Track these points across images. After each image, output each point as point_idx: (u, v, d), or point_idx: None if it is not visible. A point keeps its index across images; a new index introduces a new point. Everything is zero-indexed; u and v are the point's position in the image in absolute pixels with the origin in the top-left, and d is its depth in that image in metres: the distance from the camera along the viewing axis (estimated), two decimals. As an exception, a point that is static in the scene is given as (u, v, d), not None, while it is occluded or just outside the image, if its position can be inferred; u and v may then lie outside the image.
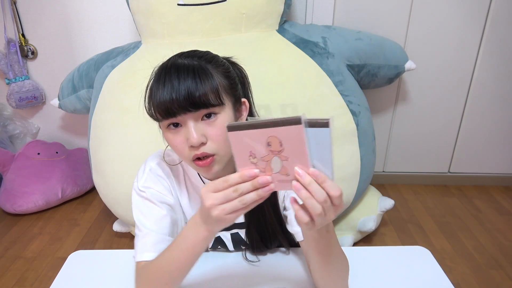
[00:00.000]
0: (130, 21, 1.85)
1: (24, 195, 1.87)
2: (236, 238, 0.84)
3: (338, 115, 1.42)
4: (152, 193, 0.75)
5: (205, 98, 0.62)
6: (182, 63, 0.65)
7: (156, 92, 0.64)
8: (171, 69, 0.64)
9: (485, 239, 1.70)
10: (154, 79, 0.66)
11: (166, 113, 0.63)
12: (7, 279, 1.49)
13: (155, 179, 0.77)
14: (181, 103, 0.62)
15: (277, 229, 0.80)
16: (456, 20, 1.78)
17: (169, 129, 0.66)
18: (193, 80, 0.62)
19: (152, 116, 0.67)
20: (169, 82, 0.63)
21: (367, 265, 0.81)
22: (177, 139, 0.66)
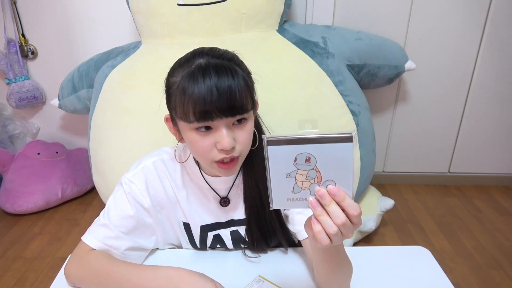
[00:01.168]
0: (130, 21, 1.84)
1: (24, 195, 1.87)
2: (236, 236, 0.84)
3: (338, 115, 1.42)
4: (133, 189, 0.76)
5: (244, 104, 0.63)
6: (217, 63, 0.63)
7: (192, 93, 0.61)
8: (209, 69, 0.62)
9: (485, 239, 1.70)
10: (188, 79, 0.62)
11: (204, 117, 0.62)
12: (7, 279, 1.49)
13: (142, 178, 0.77)
14: (221, 108, 0.61)
15: (277, 226, 0.79)
16: (456, 20, 1.78)
17: (197, 131, 0.65)
18: (233, 85, 0.62)
19: (182, 117, 0.64)
20: (209, 82, 0.61)
21: (367, 265, 0.81)
22: (205, 142, 0.65)
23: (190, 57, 0.67)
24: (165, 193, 0.79)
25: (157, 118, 1.38)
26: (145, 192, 0.77)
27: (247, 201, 0.79)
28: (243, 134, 0.66)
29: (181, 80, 0.63)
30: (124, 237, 0.75)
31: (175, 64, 0.69)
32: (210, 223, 0.82)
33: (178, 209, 0.81)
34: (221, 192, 0.80)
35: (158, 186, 0.79)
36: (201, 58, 0.64)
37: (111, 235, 0.75)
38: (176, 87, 0.65)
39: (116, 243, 0.75)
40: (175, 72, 0.67)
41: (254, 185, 0.77)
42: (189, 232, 0.83)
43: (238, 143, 0.65)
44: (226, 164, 0.66)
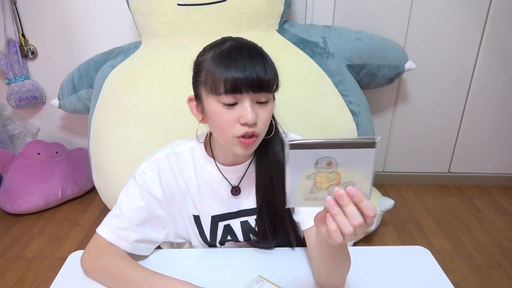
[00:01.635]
0: (130, 21, 1.85)
1: (24, 195, 1.87)
2: (246, 226, 0.85)
3: (338, 115, 1.42)
4: (145, 181, 0.78)
5: (270, 83, 0.68)
6: (249, 44, 0.69)
7: (225, 67, 0.65)
8: (242, 48, 0.67)
9: (485, 239, 1.70)
10: (220, 56, 0.67)
11: (233, 89, 0.65)
12: (7, 279, 1.49)
13: (155, 170, 0.79)
14: (250, 82, 0.65)
15: (286, 217, 0.81)
16: (456, 20, 1.78)
17: (223, 105, 0.68)
18: (263, 64, 0.66)
19: (211, 91, 0.67)
20: (241, 60, 0.65)
21: (367, 265, 0.81)
22: (229, 116, 0.68)
23: (220, 41, 0.72)
24: (176, 185, 0.81)
25: (157, 118, 1.38)
26: (157, 183, 0.79)
27: (259, 190, 0.81)
28: (264, 113, 0.70)
29: (213, 57, 0.68)
30: (134, 229, 0.77)
31: (205, 47, 0.73)
32: (221, 213, 0.83)
33: (189, 201, 0.83)
34: (233, 182, 0.82)
35: (170, 178, 0.80)
36: (233, 41, 0.70)
37: (121, 226, 0.77)
38: (206, 64, 0.69)
39: (125, 234, 0.77)
40: (205, 53, 0.71)
41: (267, 174, 0.79)
42: (199, 225, 0.84)
43: (259, 120, 0.69)
44: (247, 139, 0.69)
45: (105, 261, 0.75)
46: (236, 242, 0.87)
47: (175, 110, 1.35)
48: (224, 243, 0.87)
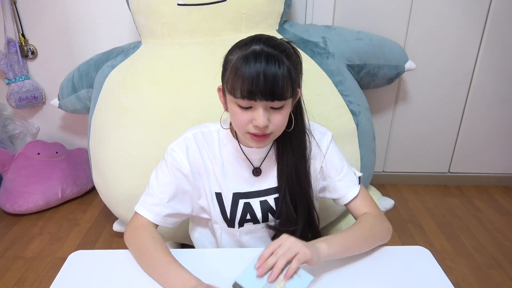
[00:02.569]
0: (130, 21, 1.85)
1: (24, 195, 1.87)
2: (265, 205, 0.90)
3: (338, 115, 1.42)
4: (174, 157, 0.85)
5: (284, 93, 0.72)
6: (269, 53, 0.72)
7: (243, 75, 0.70)
8: (261, 58, 0.71)
9: (485, 239, 1.70)
10: (242, 62, 0.71)
11: (248, 96, 0.71)
12: (7, 279, 1.49)
13: (183, 147, 0.86)
14: (263, 92, 0.71)
15: (309, 197, 0.89)
16: (456, 20, 1.78)
17: (239, 106, 0.75)
18: (278, 75, 0.70)
19: (230, 92, 0.74)
20: (258, 70, 0.70)
21: (367, 265, 0.81)
22: (244, 116, 0.75)
23: (248, 41, 0.76)
24: (202, 162, 0.87)
25: (156, 118, 1.38)
26: (185, 159, 0.85)
27: (281, 173, 0.87)
28: (277, 117, 0.76)
29: (236, 60, 0.73)
30: (165, 204, 0.85)
31: (235, 44, 0.78)
32: (242, 191, 0.89)
33: (212, 178, 0.88)
34: (254, 162, 0.89)
35: (197, 155, 0.87)
36: (257, 45, 0.73)
37: (153, 202, 0.85)
38: (231, 65, 0.74)
39: (157, 209, 0.85)
40: (233, 52, 0.77)
41: (290, 160, 0.86)
42: (220, 202, 0.90)
43: (271, 123, 0.75)
44: (258, 137, 0.77)
45: (138, 239, 0.83)
46: (254, 223, 0.91)
47: (175, 110, 1.35)
48: (243, 225, 0.91)
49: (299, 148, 0.86)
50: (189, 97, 1.36)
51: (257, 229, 0.93)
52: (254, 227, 0.92)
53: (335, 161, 0.92)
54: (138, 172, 1.37)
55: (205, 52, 1.41)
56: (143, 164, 1.36)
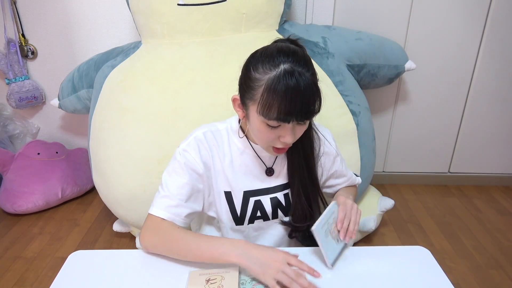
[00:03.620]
0: (130, 21, 1.85)
1: (24, 195, 1.87)
2: (275, 202, 0.92)
3: (338, 115, 1.42)
4: (187, 158, 0.85)
5: (314, 112, 0.74)
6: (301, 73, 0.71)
7: (279, 100, 0.70)
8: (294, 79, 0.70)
9: (485, 239, 1.70)
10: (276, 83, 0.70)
11: (283, 119, 0.72)
12: (7, 279, 1.49)
13: (195, 146, 0.85)
14: (299, 115, 0.72)
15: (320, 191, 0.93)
16: (456, 20, 1.78)
17: (267, 125, 0.75)
18: (312, 98, 0.72)
19: (263, 114, 0.73)
20: (296, 95, 0.70)
21: (367, 265, 0.81)
22: (271, 134, 0.76)
23: (274, 54, 0.73)
24: (212, 162, 0.87)
25: (156, 118, 1.38)
26: (198, 159, 0.85)
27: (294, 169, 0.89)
28: (301, 129, 0.78)
29: (268, 81, 0.71)
30: (184, 205, 0.84)
31: (259, 58, 0.75)
32: (253, 189, 0.90)
33: (222, 178, 0.89)
34: (265, 159, 0.90)
35: (208, 154, 0.87)
36: (286, 63, 0.71)
37: (172, 204, 0.83)
38: (261, 85, 0.72)
39: (177, 211, 0.84)
40: (258, 68, 0.73)
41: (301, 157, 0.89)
42: (230, 201, 0.90)
43: (295, 136, 0.78)
44: (281, 150, 0.80)
45: (163, 234, 0.81)
46: (265, 220, 0.92)
47: (175, 110, 1.35)
48: (254, 221, 0.92)
49: (308, 145, 0.89)
50: (189, 97, 1.36)
51: (267, 226, 0.94)
52: (264, 224, 0.93)
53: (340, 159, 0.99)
54: (138, 172, 1.37)
55: (205, 52, 1.41)
56: (143, 164, 1.36)
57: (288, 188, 0.92)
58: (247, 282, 0.74)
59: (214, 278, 0.74)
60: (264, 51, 0.75)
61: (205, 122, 0.93)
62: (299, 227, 0.92)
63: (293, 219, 0.92)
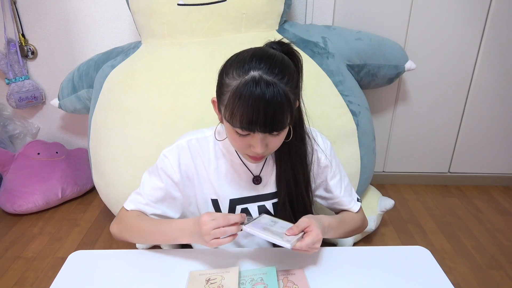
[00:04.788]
0: (130, 21, 1.85)
1: (24, 195, 1.87)
2: (263, 210, 0.91)
3: (338, 115, 1.42)
4: (165, 164, 0.86)
5: (283, 124, 0.71)
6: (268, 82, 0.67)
7: (243, 108, 0.68)
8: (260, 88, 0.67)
9: (485, 239, 1.70)
10: (241, 92, 0.68)
11: (247, 128, 0.70)
12: (7, 279, 1.49)
13: (175, 154, 0.86)
14: (263, 125, 0.69)
15: (308, 203, 0.90)
16: (456, 20, 1.78)
17: (237, 133, 0.73)
18: (279, 108, 0.68)
19: (228, 120, 0.72)
20: (258, 104, 0.67)
21: (367, 265, 0.81)
22: (241, 142, 0.75)
23: (247, 61, 0.70)
24: (195, 170, 0.88)
25: (157, 118, 1.38)
26: (176, 167, 0.86)
27: (281, 179, 0.87)
28: (275, 141, 0.75)
29: (235, 88, 0.69)
30: (152, 205, 0.87)
31: (232, 63, 0.73)
32: (239, 197, 0.90)
33: (208, 185, 0.89)
34: (251, 167, 0.88)
35: (190, 164, 0.87)
36: (256, 70, 0.68)
37: (142, 202, 0.88)
38: (228, 91, 0.70)
39: (145, 208, 0.88)
40: (229, 73, 0.71)
41: (288, 167, 0.86)
42: (217, 209, 0.90)
43: (268, 147, 0.75)
44: (255, 158, 0.79)
45: (126, 223, 0.88)
46: None
47: (175, 110, 1.35)
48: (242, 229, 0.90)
49: (298, 155, 0.86)
50: (189, 97, 1.36)
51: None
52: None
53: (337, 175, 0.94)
54: (138, 172, 1.36)
55: (205, 52, 1.41)
56: (143, 164, 1.36)
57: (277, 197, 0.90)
58: (247, 282, 0.74)
59: (214, 278, 0.74)
60: (238, 56, 0.74)
61: (205, 122, 0.93)
62: None
63: None
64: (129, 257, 0.85)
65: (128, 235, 0.88)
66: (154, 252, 0.86)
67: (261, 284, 0.73)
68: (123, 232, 0.89)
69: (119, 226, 0.90)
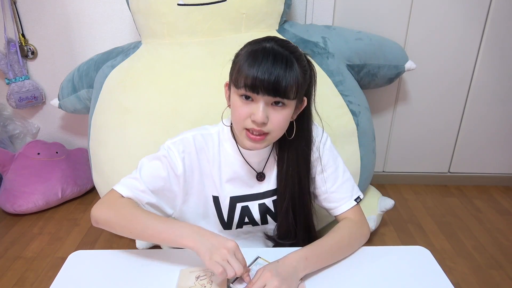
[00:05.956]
0: (130, 21, 1.85)
1: (24, 195, 1.87)
2: (263, 208, 0.90)
3: (338, 115, 1.42)
4: (170, 154, 0.83)
5: (286, 90, 0.71)
6: (278, 51, 0.72)
7: (249, 66, 0.71)
8: (269, 52, 0.72)
9: (485, 239, 1.70)
10: (250, 54, 0.73)
11: (251, 88, 0.71)
12: (7, 279, 1.49)
13: (180, 147, 0.84)
14: (267, 86, 0.70)
15: (309, 203, 0.88)
16: (456, 20, 1.78)
17: (241, 98, 0.75)
18: (284, 71, 0.71)
19: (234, 83, 0.75)
20: (265, 64, 0.70)
21: (367, 265, 0.81)
22: (243, 109, 0.74)
23: (261, 40, 0.77)
24: (198, 166, 0.86)
25: (156, 118, 1.38)
26: (179, 160, 0.83)
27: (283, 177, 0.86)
28: (277, 115, 0.74)
29: (245, 53, 0.75)
30: (149, 193, 0.82)
31: (248, 42, 0.79)
32: (240, 195, 0.89)
33: (210, 182, 0.87)
34: (254, 166, 0.87)
35: (194, 158, 0.85)
36: (269, 43, 0.75)
37: (139, 188, 0.81)
38: (239, 58, 0.75)
39: (141, 196, 0.81)
40: (244, 47, 0.78)
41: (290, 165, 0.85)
42: (217, 206, 0.89)
43: (270, 121, 0.74)
44: (254, 135, 0.75)
45: (119, 210, 0.78)
46: (253, 226, 0.91)
47: (175, 110, 1.35)
48: (242, 226, 0.91)
49: (302, 155, 0.85)
50: (189, 97, 1.36)
51: (256, 231, 0.93)
52: (253, 228, 0.92)
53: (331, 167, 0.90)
54: (138, 172, 1.37)
55: (205, 52, 1.41)
56: (143, 164, 1.36)
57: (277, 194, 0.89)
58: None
59: (204, 275, 0.75)
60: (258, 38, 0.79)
61: (205, 122, 0.93)
62: (282, 244, 0.90)
63: (278, 235, 0.90)
64: (129, 257, 0.85)
65: (116, 224, 0.78)
66: (154, 252, 0.86)
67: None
68: (112, 220, 0.78)
69: (108, 212, 0.79)
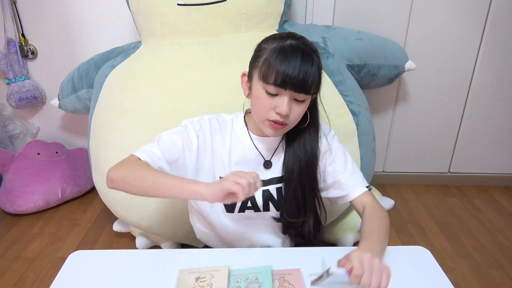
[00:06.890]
0: (130, 21, 1.85)
1: (24, 195, 1.87)
2: (266, 194, 0.93)
3: (338, 115, 1.42)
4: (187, 131, 0.88)
5: (311, 88, 0.79)
6: (305, 49, 0.79)
7: (280, 63, 0.76)
8: (298, 50, 0.77)
9: (485, 239, 1.70)
10: (280, 50, 0.78)
11: (280, 84, 0.77)
12: (7, 279, 1.49)
13: (197, 126, 0.89)
14: (295, 83, 0.76)
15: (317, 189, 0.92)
16: (456, 20, 1.78)
17: (267, 92, 0.80)
18: (310, 69, 0.77)
19: (262, 77, 0.79)
20: (295, 61, 0.76)
21: (367, 265, 0.81)
22: (268, 103, 0.80)
23: (284, 36, 0.82)
24: (211, 146, 0.91)
25: (156, 118, 1.38)
26: (195, 138, 0.88)
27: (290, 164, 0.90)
28: (298, 109, 0.81)
29: (273, 49, 0.79)
30: (165, 162, 0.85)
31: (271, 36, 0.84)
32: None
33: (219, 164, 0.91)
34: (262, 152, 0.92)
35: (208, 138, 0.90)
36: (294, 40, 0.80)
37: (157, 155, 0.84)
38: (267, 52, 0.79)
39: (158, 162, 0.84)
40: (269, 42, 0.82)
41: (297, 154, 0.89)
42: None
43: (292, 113, 0.80)
44: (276, 124, 0.81)
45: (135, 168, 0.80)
46: (255, 211, 0.93)
47: (175, 110, 1.35)
48: (244, 211, 0.93)
49: (311, 143, 0.90)
50: (189, 97, 1.36)
51: (257, 217, 0.94)
52: (255, 214, 0.94)
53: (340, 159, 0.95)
54: (138, 172, 1.37)
55: (205, 52, 1.41)
56: (143, 164, 1.36)
57: (282, 182, 0.92)
58: (241, 281, 0.74)
59: (204, 276, 0.75)
60: (279, 33, 0.84)
61: (205, 122, 0.93)
62: (292, 223, 0.92)
63: (287, 214, 0.92)
64: (129, 257, 0.85)
65: (130, 178, 0.79)
66: (154, 252, 0.86)
67: (256, 283, 0.73)
68: (126, 174, 0.80)
69: (124, 169, 0.81)
